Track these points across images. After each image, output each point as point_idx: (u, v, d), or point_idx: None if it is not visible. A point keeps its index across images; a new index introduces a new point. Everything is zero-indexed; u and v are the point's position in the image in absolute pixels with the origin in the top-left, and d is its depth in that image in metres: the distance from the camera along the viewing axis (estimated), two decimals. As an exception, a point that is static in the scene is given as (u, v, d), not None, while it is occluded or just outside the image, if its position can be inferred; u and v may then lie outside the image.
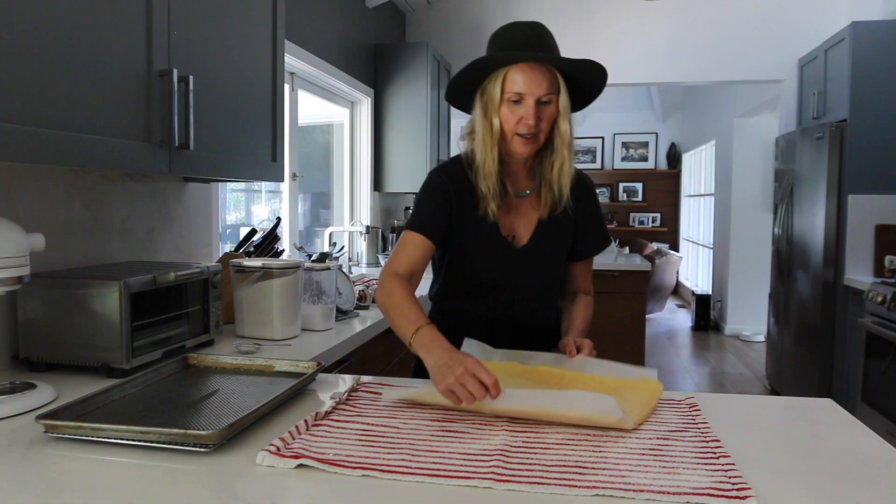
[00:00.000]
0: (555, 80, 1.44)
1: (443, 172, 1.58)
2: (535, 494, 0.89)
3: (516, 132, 1.46)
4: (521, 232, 1.59)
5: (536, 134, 1.45)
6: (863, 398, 3.55)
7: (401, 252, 1.50)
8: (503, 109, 1.45)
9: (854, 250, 3.87)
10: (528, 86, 1.42)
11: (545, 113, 1.45)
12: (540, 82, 1.42)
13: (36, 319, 1.49)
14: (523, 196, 1.59)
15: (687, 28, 4.79)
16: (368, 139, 4.34)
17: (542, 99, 1.43)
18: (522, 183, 1.59)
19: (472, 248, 1.57)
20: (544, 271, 1.63)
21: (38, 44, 1.18)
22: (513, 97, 1.43)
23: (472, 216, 1.55)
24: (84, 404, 1.16)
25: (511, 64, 1.43)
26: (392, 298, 1.41)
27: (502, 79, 1.43)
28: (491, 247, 1.57)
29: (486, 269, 1.59)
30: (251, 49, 1.94)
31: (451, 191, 1.54)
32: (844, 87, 3.87)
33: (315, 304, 2.03)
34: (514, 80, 1.42)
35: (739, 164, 6.76)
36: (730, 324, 6.81)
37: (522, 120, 1.44)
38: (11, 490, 0.90)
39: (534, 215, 1.59)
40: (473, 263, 1.59)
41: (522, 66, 1.42)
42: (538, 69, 1.42)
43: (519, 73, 1.42)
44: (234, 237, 3.05)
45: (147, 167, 1.47)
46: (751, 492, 0.88)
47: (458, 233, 1.56)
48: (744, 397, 1.39)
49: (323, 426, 1.13)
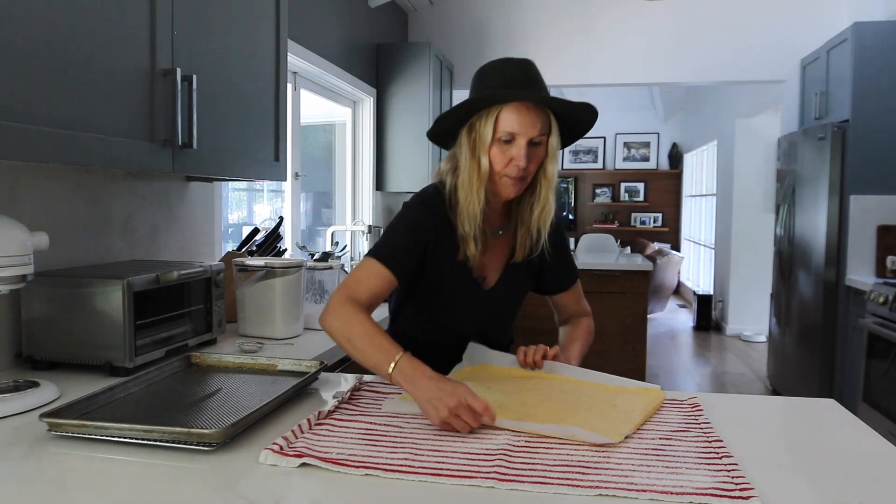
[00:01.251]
0: (547, 121, 1.39)
1: (426, 208, 1.48)
2: (538, 494, 0.89)
3: (505, 173, 1.39)
4: (489, 273, 1.54)
5: (525, 176, 1.40)
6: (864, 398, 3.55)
7: (362, 280, 1.39)
8: (493, 149, 1.38)
9: (856, 251, 3.87)
10: (522, 126, 1.36)
11: (535, 154, 1.39)
12: (534, 123, 1.36)
13: (39, 318, 1.50)
14: (496, 236, 1.53)
15: (689, 28, 4.79)
16: (370, 138, 4.34)
17: (533, 140, 1.37)
18: (497, 222, 1.53)
19: (443, 288, 1.52)
20: (508, 311, 1.64)
21: (43, 43, 1.18)
22: (505, 137, 1.37)
23: (448, 259, 1.48)
24: (87, 403, 1.17)
25: (506, 103, 1.37)
26: (354, 328, 1.30)
27: (495, 118, 1.36)
28: (461, 287, 1.52)
29: (453, 310, 1.55)
30: (254, 48, 1.94)
31: (430, 230, 1.46)
32: (846, 87, 3.87)
33: (317, 304, 2.03)
34: (508, 119, 1.36)
35: (741, 165, 6.75)
36: (731, 324, 6.81)
37: (513, 161, 1.37)
38: (15, 488, 0.90)
39: (503, 257, 1.55)
40: (441, 303, 1.55)
41: (517, 105, 1.36)
42: (533, 109, 1.36)
43: (514, 112, 1.36)
44: (236, 236, 3.06)
45: (150, 166, 1.47)
46: (754, 492, 0.88)
47: (430, 272, 1.49)
48: (746, 397, 1.39)
49: (326, 425, 1.13)
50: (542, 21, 4.89)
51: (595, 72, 4.92)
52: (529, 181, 1.44)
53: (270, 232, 2.43)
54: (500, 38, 4.97)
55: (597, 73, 4.93)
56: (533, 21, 4.91)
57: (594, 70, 4.91)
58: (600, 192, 10.02)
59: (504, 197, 1.45)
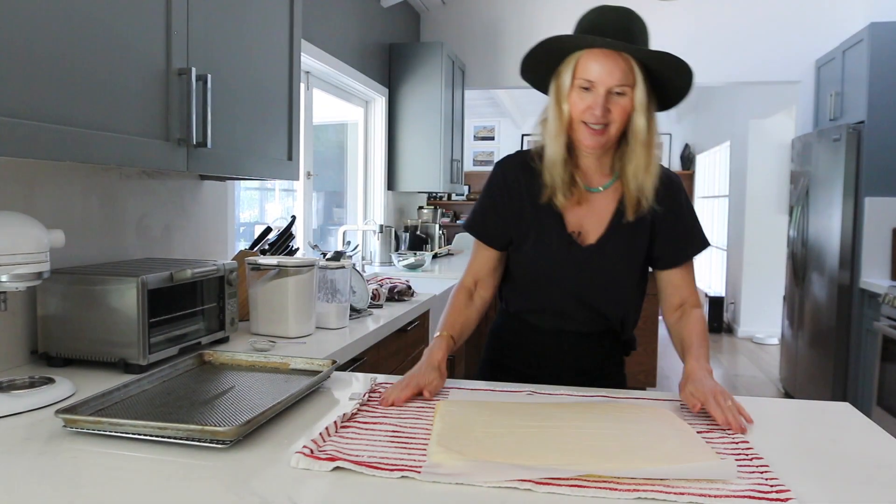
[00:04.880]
0: (630, 72, 1.32)
1: (499, 167, 1.53)
2: (576, 498, 0.88)
3: (583, 120, 1.36)
4: (588, 229, 1.46)
5: (606, 125, 1.35)
6: (878, 402, 3.52)
7: (471, 261, 1.57)
8: (573, 95, 1.36)
9: (870, 253, 3.84)
10: (598, 74, 1.32)
11: (617, 105, 1.34)
12: (612, 71, 1.31)
13: (55, 315, 1.51)
14: (596, 192, 1.47)
15: (703, 28, 4.77)
16: (382, 138, 4.35)
17: (614, 90, 1.32)
18: (595, 178, 1.47)
19: (532, 240, 1.48)
20: (610, 274, 1.48)
21: (59, 43, 1.19)
22: (583, 84, 1.33)
23: (531, 206, 1.46)
24: (102, 399, 1.18)
25: (583, 48, 1.33)
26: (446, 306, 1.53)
27: (574, 64, 1.34)
28: (552, 242, 1.46)
29: (545, 267, 1.48)
30: (268, 48, 1.95)
31: (504, 186, 1.49)
32: (862, 88, 3.83)
33: (329, 303, 2.03)
34: (586, 66, 1.33)
35: (754, 166, 6.71)
36: (743, 326, 6.77)
37: (590, 109, 1.34)
38: (31, 483, 0.91)
39: (607, 214, 1.46)
40: (533, 258, 1.49)
41: (596, 52, 1.32)
42: (612, 57, 1.31)
43: (592, 59, 1.32)
44: (247, 235, 3.07)
45: (165, 165, 1.48)
46: (790, 493, 0.87)
47: (515, 226, 1.49)
48: (760, 400, 1.38)
49: (351, 428, 1.12)
50: (556, 21, 4.88)
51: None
52: (616, 133, 1.37)
53: (283, 231, 2.44)
54: (513, 38, 4.97)
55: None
56: (547, 21, 4.90)
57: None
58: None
59: (584, 147, 1.39)
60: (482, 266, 1.54)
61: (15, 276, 1.24)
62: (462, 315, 1.51)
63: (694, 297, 1.51)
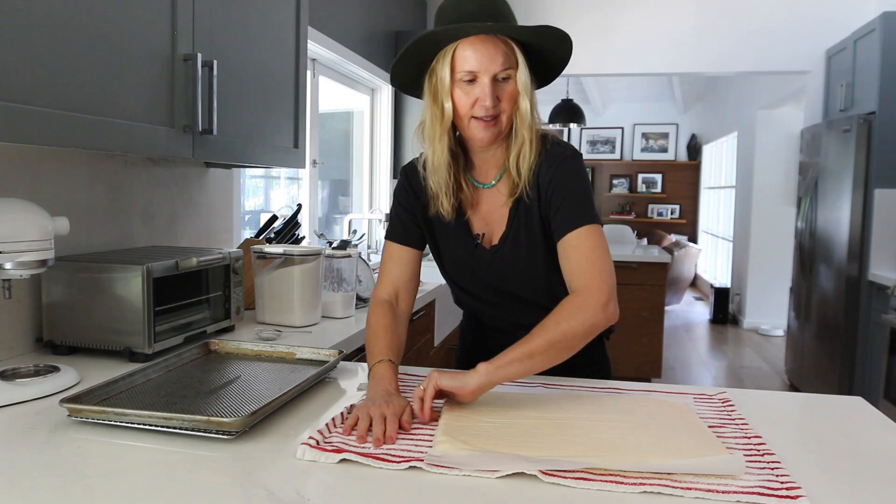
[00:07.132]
0: (511, 54, 1.25)
1: (403, 175, 1.44)
2: (581, 491, 0.87)
3: (473, 115, 1.27)
4: (493, 228, 1.40)
5: (497, 115, 1.27)
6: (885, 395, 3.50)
7: (383, 271, 1.43)
8: (456, 91, 1.26)
9: (879, 245, 3.81)
10: (481, 62, 1.23)
11: (504, 91, 1.26)
12: (494, 57, 1.23)
13: (59, 303, 1.50)
14: (489, 188, 1.39)
15: (711, 17, 4.71)
16: (388, 126, 4.32)
17: (498, 76, 1.24)
18: (490, 173, 1.39)
19: (447, 252, 1.44)
20: (520, 268, 1.39)
21: (64, 27, 1.17)
22: (465, 76, 1.24)
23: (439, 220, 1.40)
24: (107, 388, 1.17)
25: (459, 39, 1.24)
26: (368, 329, 1.35)
27: (450, 57, 1.25)
28: (459, 248, 1.41)
29: (462, 271, 1.44)
30: (274, 35, 1.93)
31: (410, 194, 1.42)
32: (874, 78, 3.79)
33: (335, 292, 2.02)
34: (465, 56, 1.23)
35: (762, 157, 6.66)
36: (748, 317, 6.75)
37: (478, 101, 1.25)
38: (35, 473, 0.90)
39: (506, 209, 1.38)
40: (449, 265, 1.46)
41: (472, 40, 1.23)
42: (491, 42, 1.23)
43: (470, 48, 1.23)
44: (253, 223, 3.06)
45: (170, 152, 1.46)
46: (801, 491, 0.86)
47: (433, 238, 1.43)
48: (770, 393, 1.36)
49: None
50: (565, 10, 4.84)
51: (616, 62, 4.86)
52: (507, 122, 1.29)
53: (289, 219, 2.43)
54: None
55: (618, 63, 4.86)
56: (557, 10, 4.85)
57: (615, 60, 4.85)
58: (617, 183, 9.94)
59: (479, 142, 1.31)
60: (401, 274, 1.42)
61: (19, 263, 1.23)
62: (394, 334, 1.33)
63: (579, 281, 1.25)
